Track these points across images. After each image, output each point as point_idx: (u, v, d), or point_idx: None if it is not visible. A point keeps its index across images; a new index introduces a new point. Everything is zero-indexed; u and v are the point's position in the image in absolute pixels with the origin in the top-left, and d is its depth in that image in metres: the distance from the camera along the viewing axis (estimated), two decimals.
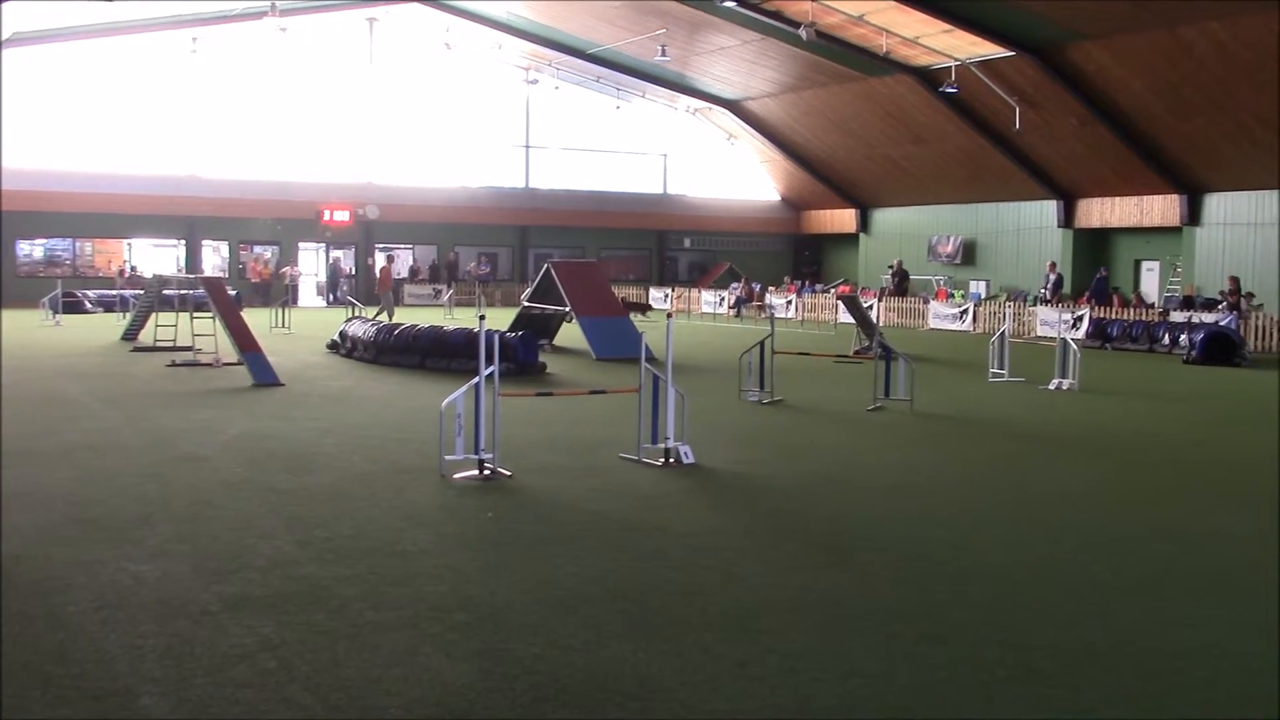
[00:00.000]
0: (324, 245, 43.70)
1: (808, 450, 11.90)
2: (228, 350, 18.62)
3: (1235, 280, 28.39)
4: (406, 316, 27.81)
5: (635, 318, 34.74)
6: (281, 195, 41.30)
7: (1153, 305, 31.90)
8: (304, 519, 8.27)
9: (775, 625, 6.03)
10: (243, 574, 6.83)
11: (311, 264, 44.30)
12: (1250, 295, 28.36)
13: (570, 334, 23.47)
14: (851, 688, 5.19)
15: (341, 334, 22.10)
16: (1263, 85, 26.70)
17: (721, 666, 5.42)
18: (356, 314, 24.50)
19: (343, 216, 42.15)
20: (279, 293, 35.48)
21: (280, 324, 27.92)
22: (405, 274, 44.82)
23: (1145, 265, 36.25)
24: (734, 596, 6.55)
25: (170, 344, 21.70)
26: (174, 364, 19.39)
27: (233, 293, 22.47)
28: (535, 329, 22.27)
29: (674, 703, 5.00)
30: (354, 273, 44.06)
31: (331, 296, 42.71)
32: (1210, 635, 6.02)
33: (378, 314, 28.60)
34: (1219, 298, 29.21)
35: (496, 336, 10.59)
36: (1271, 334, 26.17)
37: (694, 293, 41.67)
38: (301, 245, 43.35)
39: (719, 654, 5.58)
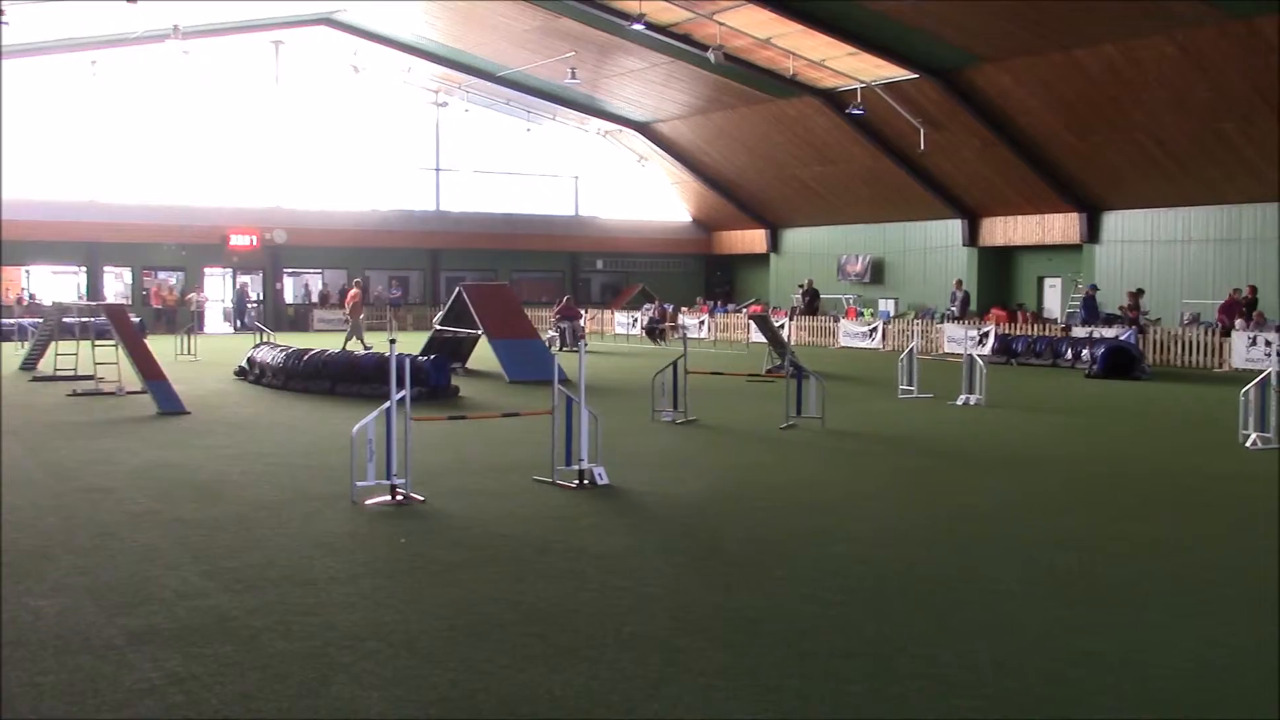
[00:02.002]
0: (230, 270, 43.03)
1: (721, 469, 11.97)
2: (131, 378, 18.22)
3: (1133, 295, 29.13)
4: (316, 341, 27.40)
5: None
6: (186, 220, 40.60)
7: (1055, 320, 32.64)
8: (211, 549, 8.11)
9: (690, 644, 6.05)
10: (147, 606, 6.66)
11: (218, 289, 43.60)
12: (1145, 312, 29.03)
13: (483, 357, 23.34)
14: (767, 704, 5.21)
15: (250, 360, 21.74)
16: (1156, 106, 27.56)
17: (637, 687, 5.41)
18: (265, 339, 24.11)
19: (249, 241, 41.56)
20: (184, 319, 34.83)
21: (186, 351, 27.40)
22: (315, 299, 44.37)
23: (1048, 282, 37.11)
24: (649, 616, 6.55)
25: (71, 373, 21.15)
26: (75, 393, 18.90)
27: (136, 319, 22.04)
28: (447, 352, 22.13)
29: None
30: (260, 298, 43.43)
31: (239, 322, 42.02)
32: (1116, 642, 6.15)
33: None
34: (1119, 313, 29.97)
35: (408, 360, 10.49)
36: (1169, 347, 26.90)
37: (607, 314, 41.72)
38: (207, 270, 42.67)
39: (634, 675, 5.57)
